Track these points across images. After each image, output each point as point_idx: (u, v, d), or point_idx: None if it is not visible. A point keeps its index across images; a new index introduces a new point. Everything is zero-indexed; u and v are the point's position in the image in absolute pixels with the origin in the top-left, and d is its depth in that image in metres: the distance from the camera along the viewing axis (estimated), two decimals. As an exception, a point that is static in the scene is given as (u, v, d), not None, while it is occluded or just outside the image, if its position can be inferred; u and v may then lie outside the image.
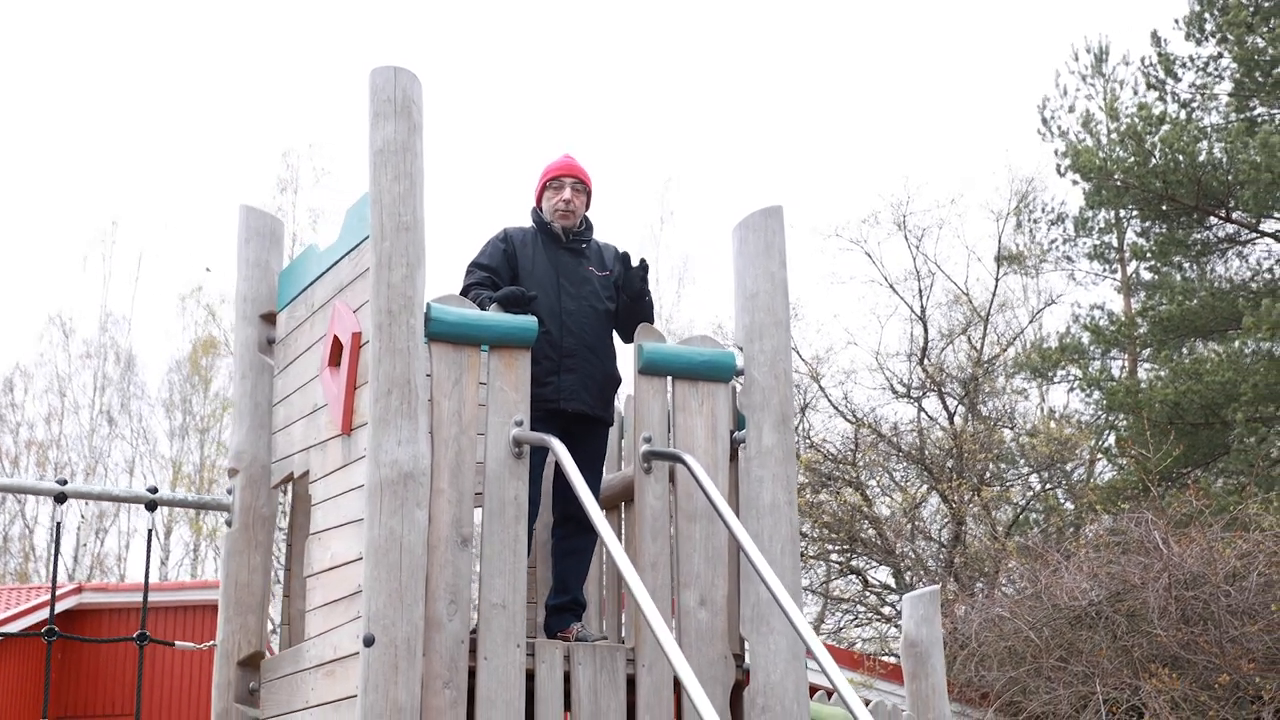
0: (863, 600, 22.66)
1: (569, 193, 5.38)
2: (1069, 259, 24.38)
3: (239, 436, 5.28)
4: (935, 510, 22.20)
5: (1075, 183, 21.20)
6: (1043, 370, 22.52)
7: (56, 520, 5.09)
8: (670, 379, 5.02)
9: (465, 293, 5.14)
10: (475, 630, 4.47)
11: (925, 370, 23.22)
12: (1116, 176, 19.47)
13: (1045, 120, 22.93)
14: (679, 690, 4.67)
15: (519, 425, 4.65)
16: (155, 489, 5.18)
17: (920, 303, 24.17)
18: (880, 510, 21.50)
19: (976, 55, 43.63)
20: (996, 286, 24.71)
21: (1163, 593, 12.24)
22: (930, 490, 21.53)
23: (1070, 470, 22.13)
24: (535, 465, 4.97)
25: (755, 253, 5.11)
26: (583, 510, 4.44)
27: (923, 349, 23.77)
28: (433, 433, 4.50)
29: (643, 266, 5.32)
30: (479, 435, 4.64)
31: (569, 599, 5.23)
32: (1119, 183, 19.53)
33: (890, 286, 24.37)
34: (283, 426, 5.20)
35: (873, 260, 24.35)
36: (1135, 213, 21.11)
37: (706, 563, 4.88)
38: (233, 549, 5.15)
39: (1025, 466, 22.06)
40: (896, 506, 21.33)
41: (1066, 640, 12.85)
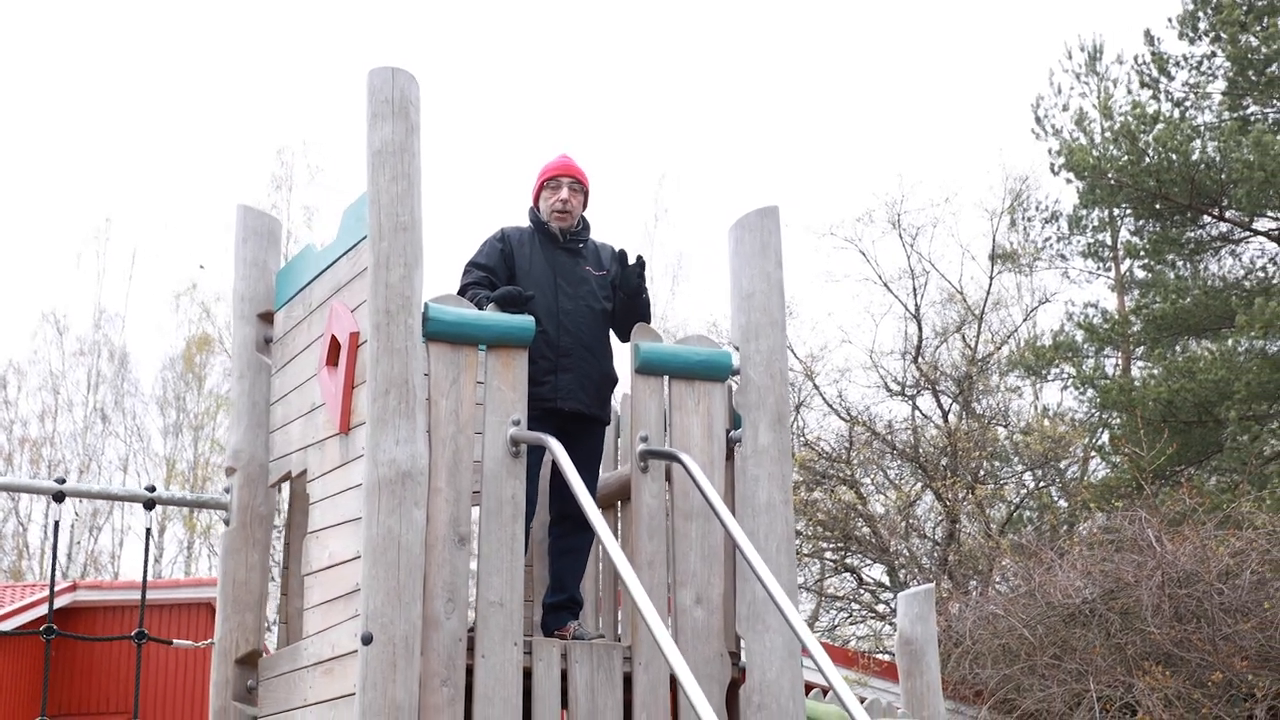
0: (857, 598, 22.69)
1: (566, 192, 5.39)
2: (1063, 257, 24.41)
3: (236, 435, 5.28)
4: (929, 508, 22.24)
5: (1069, 181, 21.22)
6: (1036, 368, 22.54)
7: (55, 519, 5.10)
8: (667, 378, 5.04)
9: (463, 292, 5.15)
10: (473, 628, 4.48)
11: (919, 368, 23.25)
12: (1110, 175, 19.49)
13: (1039, 119, 22.94)
14: (675, 688, 4.68)
15: (516, 424, 4.67)
16: (153, 488, 5.19)
17: (915, 301, 24.22)
18: (875, 508, 21.54)
19: (971, 54, 43.70)
20: (990, 285, 24.78)
21: (1156, 590, 12.27)
22: (924, 488, 21.56)
23: (1064, 468, 22.16)
24: (532, 464, 4.99)
25: (751, 253, 5.13)
26: (579, 509, 4.46)
27: (917, 347, 23.80)
28: (430, 432, 4.52)
29: (639, 264, 5.32)
30: (476, 434, 4.65)
31: (566, 597, 5.24)
32: (1113, 181, 19.55)
33: (885, 285, 24.44)
34: (280, 425, 5.21)
35: (867, 259, 24.42)
36: (1129, 211, 21.13)
37: (703, 561, 4.90)
38: (231, 547, 5.16)
39: (1019, 464, 22.08)
40: (891, 504, 21.37)
41: (1060, 638, 12.87)
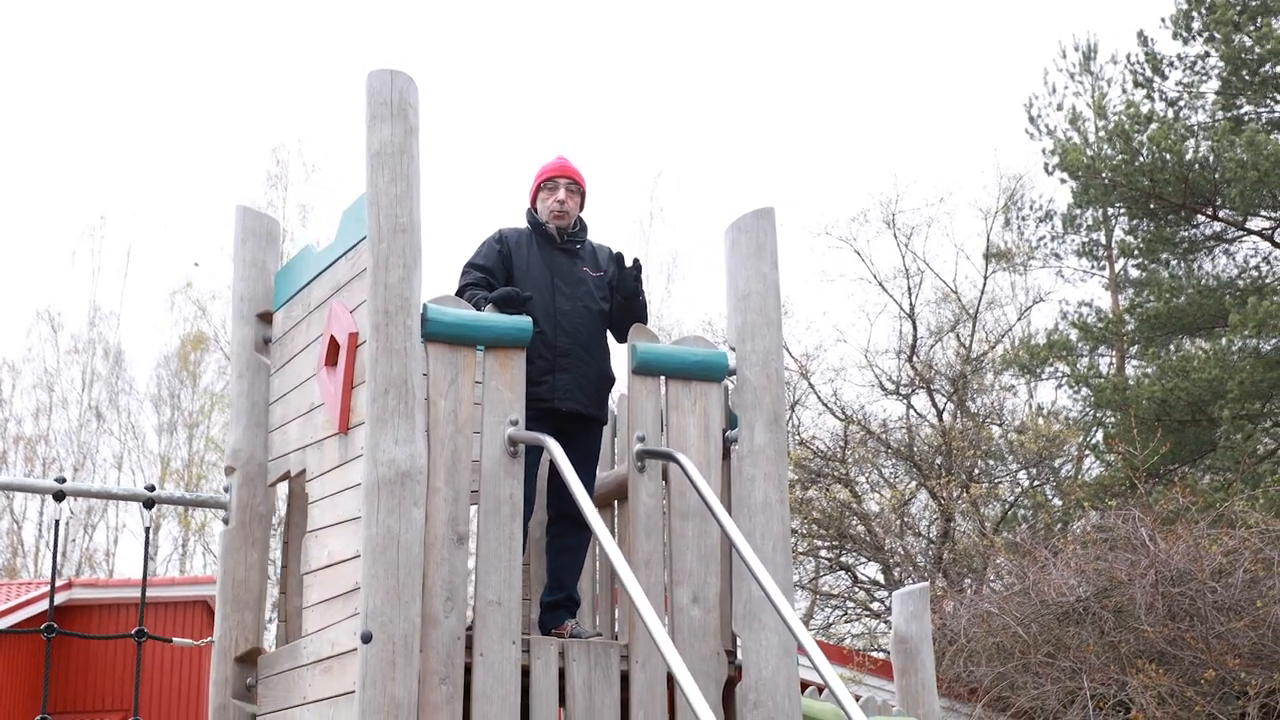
0: (852, 596, 22.74)
1: (563, 193, 5.42)
2: (1057, 256, 24.48)
3: (236, 435, 5.31)
4: (924, 506, 22.28)
5: (1063, 181, 21.27)
6: (1031, 367, 22.58)
7: (56, 518, 5.13)
8: (663, 379, 5.07)
9: (461, 293, 5.17)
10: (471, 627, 4.51)
11: (914, 367, 23.30)
12: (1104, 174, 19.53)
13: (1033, 118, 22.99)
14: (672, 686, 4.71)
15: (514, 424, 4.70)
16: (153, 487, 5.22)
17: (909, 300, 24.27)
18: (869, 507, 21.59)
19: (965, 54, 43.75)
20: (985, 284, 24.83)
21: (1149, 589, 12.31)
22: (919, 487, 21.61)
23: (1058, 467, 22.22)
24: (530, 464, 5.01)
25: (747, 254, 5.16)
26: (577, 508, 4.49)
27: (912, 346, 23.85)
28: (429, 432, 4.55)
29: (636, 267, 5.35)
30: (475, 434, 4.68)
31: (564, 596, 5.26)
32: (1107, 180, 19.59)
33: (879, 284, 24.50)
34: (279, 425, 5.23)
35: (862, 258, 24.48)
36: (1123, 210, 21.17)
37: (699, 560, 4.93)
38: (230, 546, 5.19)
39: (1013, 463, 22.14)
40: (885, 503, 21.40)
41: (1054, 636, 12.91)
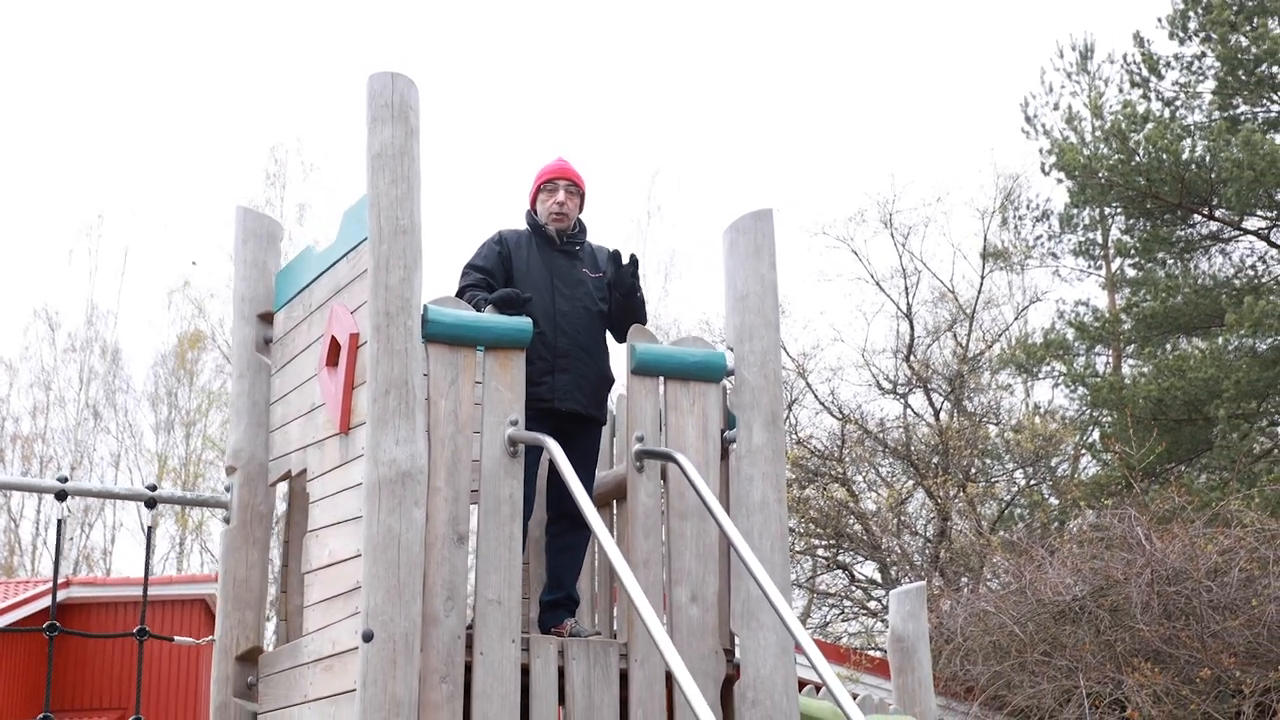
0: (849, 595, 22.77)
1: (563, 195, 5.44)
2: (1054, 256, 24.51)
3: (237, 435, 5.33)
4: (921, 506, 22.34)
5: (1060, 180, 21.32)
6: (1028, 366, 22.63)
7: (58, 518, 5.15)
8: (662, 379, 5.09)
9: (461, 294, 5.19)
10: (471, 626, 4.54)
11: (911, 367, 23.34)
12: (1101, 174, 19.57)
13: (1029, 118, 23.03)
14: (670, 684, 4.74)
15: (514, 425, 4.72)
16: (155, 487, 5.25)
17: (906, 300, 24.32)
18: (866, 506, 21.62)
19: (962, 53, 43.78)
20: (982, 283, 24.87)
21: (1145, 588, 12.35)
22: (916, 486, 21.65)
23: (1055, 466, 22.26)
24: (530, 464, 5.04)
25: (745, 255, 5.19)
26: (576, 508, 4.51)
27: (909, 345, 23.88)
28: (429, 432, 4.57)
29: (633, 262, 5.36)
30: (475, 434, 4.70)
31: (563, 595, 5.29)
32: (1103, 180, 19.63)
33: (877, 284, 24.54)
34: (280, 425, 5.26)
35: (859, 258, 24.52)
36: (1119, 210, 21.22)
37: (698, 559, 4.95)
38: (231, 546, 5.21)
39: (1010, 462, 22.17)
40: (882, 502, 21.43)
41: (1050, 635, 12.94)
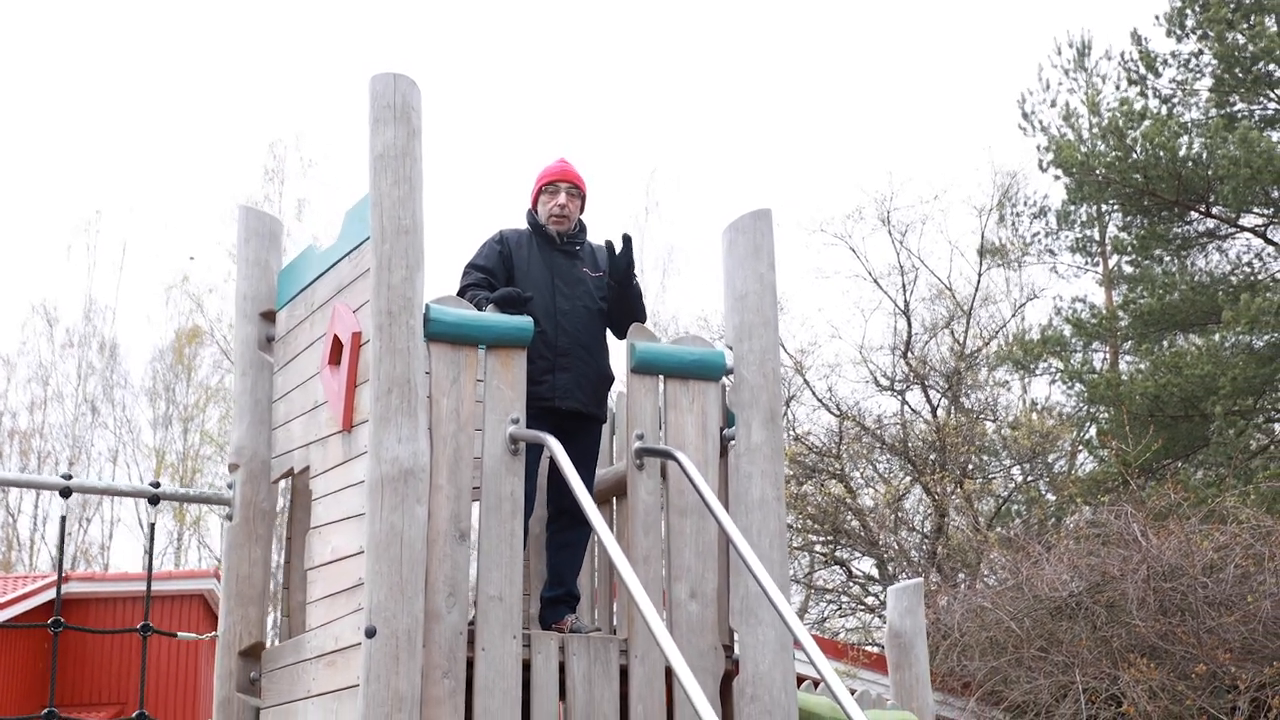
0: (846, 591, 22.82)
1: (564, 197, 5.48)
2: (1051, 252, 24.55)
3: (239, 432, 5.37)
4: (918, 502, 22.37)
5: (1057, 177, 21.35)
6: (1025, 363, 22.66)
7: (61, 514, 5.18)
8: (662, 377, 5.13)
9: (462, 293, 5.22)
10: (473, 622, 4.58)
11: (909, 363, 23.37)
12: (1098, 171, 19.62)
13: (1027, 115, 23.07)
14: (670, 680, 4.77)
15: (515, 423, 4.76)
16: (158, 484, 5.28)
17: (904, 297, 24.34)
18: (864, 502, 21.66)
19: (960, 51, 43.81)
20: (979, 280, 24.90)
21: (1141, 584, 12.38)
22: (913, 482, 21.68)
23: (1052, 462, 22.30)
24: (531, 461, 5.08)
25: (744, 254, 5.23)
26: (577, 505, 4.55)
27: (906, 342, 23.91)
28: (432, 430, 4.61)
29: (626, 241, 5.38)
30: (476, 432, 4.74)
31: (563, 591, 5.33)
32: (1100, 177, 19.67)
33: (874, 281, 24.56)
34: (283, 422, 5.29)
35: (857, 255, 24.54)
36: (1116, 207, 21.26)
37: (697, 556, 4.99)
38: (234, 542, 5.25)
39: (1007, 459, 22.21)
40: (880, 498, 21.48)
41: (1047, 631, 12.98)
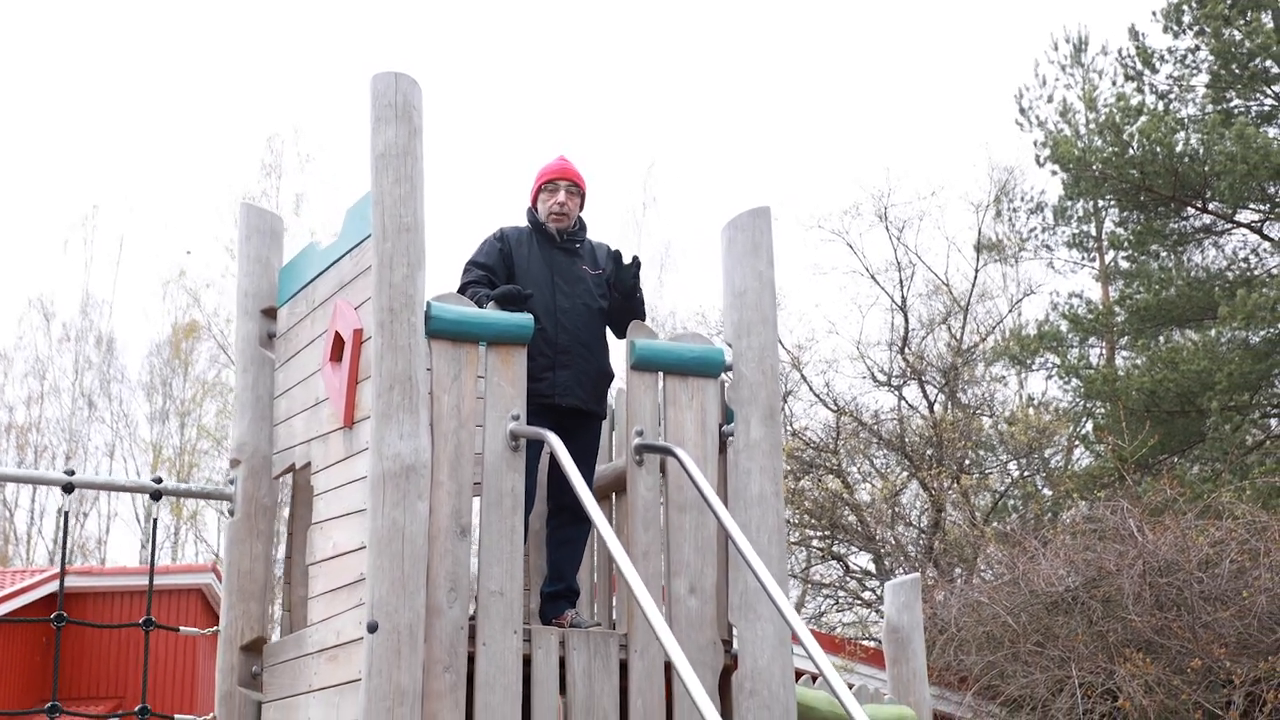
0: (843, 585, 22.86)
1: (563, 195, 5.50)
2: (1048, 248, 24.58)
3: (240, 428, 5.39)
4: (915, 497, 22.40)
5: (1054, 173, 21.40)
6: (1021, 358, 22.70)
7: (64, 510, 5.22)
8: (661, 374, 5.16)
9: (463, 291, 5.25)
10: (474, 617, 4.61)
11: (906, 359, 23.40)
12: (1095, 167, 19.65)
13: (1023, 110, 23.10)
14: (670, 674, 4.81)
15: (515, 419, 4.79)
16: (160, 479, 5.31)
17: (901, 293, 24.35)
18: (861, 497, 21.69)
19: (956, 47, 43.82)
20: (976, 276, 24.92)
21: (1137, 579, 12.41)
22: (910, 477, 21.71)
23: (1048, 457, 22.34)
24: (531, 458, 5.11)
25: (743, 252, 5.26)
26: (577, 501, 4.58)
27: (903, 338, 23.94)
28: (433, 426, 4.64)
29: (635, 265, 5.43)
30: (477, 429, 4.77)
31: (564, 586, 5.36)
32: (1097, 173, 19.71)
33: (871, 277, 24.57)
34: (284, 419, 5.32)
35: (854, 251, 24.55)
36: (1113, 202, 21.31)
37: (696, 552, 5.03)
38: (235, 538, 5.28)
39: (1004, 454, 22.25)
40: (877, 493, 21.51)
41: (1043, 625, 13.01)
